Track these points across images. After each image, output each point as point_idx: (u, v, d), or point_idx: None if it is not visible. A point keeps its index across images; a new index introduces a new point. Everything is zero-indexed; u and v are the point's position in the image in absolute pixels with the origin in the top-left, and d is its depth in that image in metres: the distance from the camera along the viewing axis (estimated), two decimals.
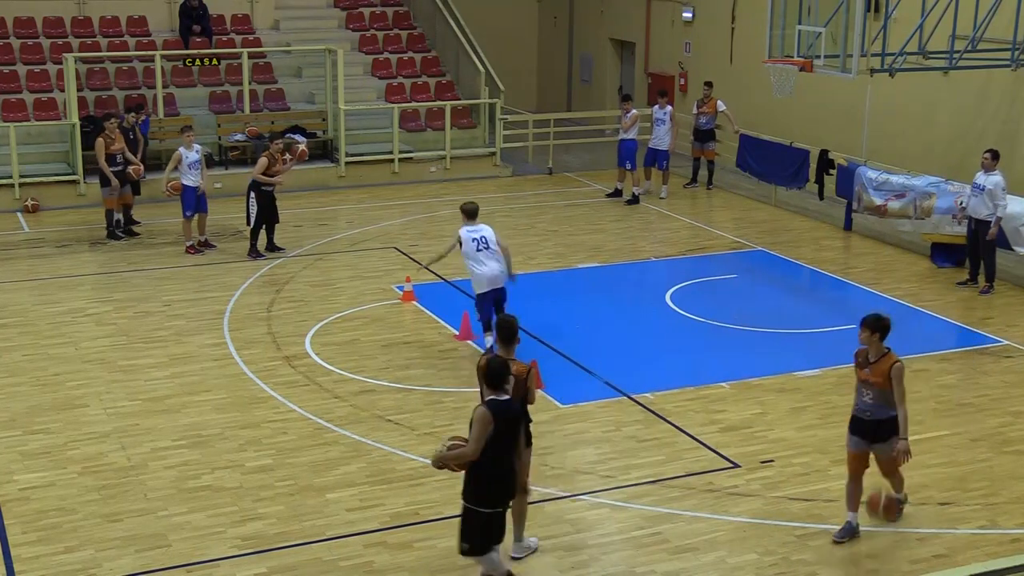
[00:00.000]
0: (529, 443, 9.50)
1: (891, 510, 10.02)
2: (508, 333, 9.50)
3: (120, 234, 18.94)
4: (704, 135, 22.88)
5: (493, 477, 8.60)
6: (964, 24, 17.38)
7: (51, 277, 17.06)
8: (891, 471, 9.94)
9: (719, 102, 22.66)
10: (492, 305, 13.63)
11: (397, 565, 9.44)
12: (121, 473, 11.02)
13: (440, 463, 8.69)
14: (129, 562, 9.48)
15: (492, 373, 8.69)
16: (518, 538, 9.64)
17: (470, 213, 13.76)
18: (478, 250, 13.56)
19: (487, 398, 8.69)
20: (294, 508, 10.39)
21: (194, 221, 18.16)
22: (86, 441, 11.69)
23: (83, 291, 16.49)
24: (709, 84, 23.09)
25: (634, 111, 21.82)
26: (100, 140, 18.55)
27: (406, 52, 26.31)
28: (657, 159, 22.19)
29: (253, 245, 17.97)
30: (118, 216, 19.05)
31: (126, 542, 9.78)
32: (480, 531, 8.68)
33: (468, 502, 8.67)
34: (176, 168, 17.92)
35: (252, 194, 17.64)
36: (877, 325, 9.62)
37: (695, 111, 22.99)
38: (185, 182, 17.90)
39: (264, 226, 17.96)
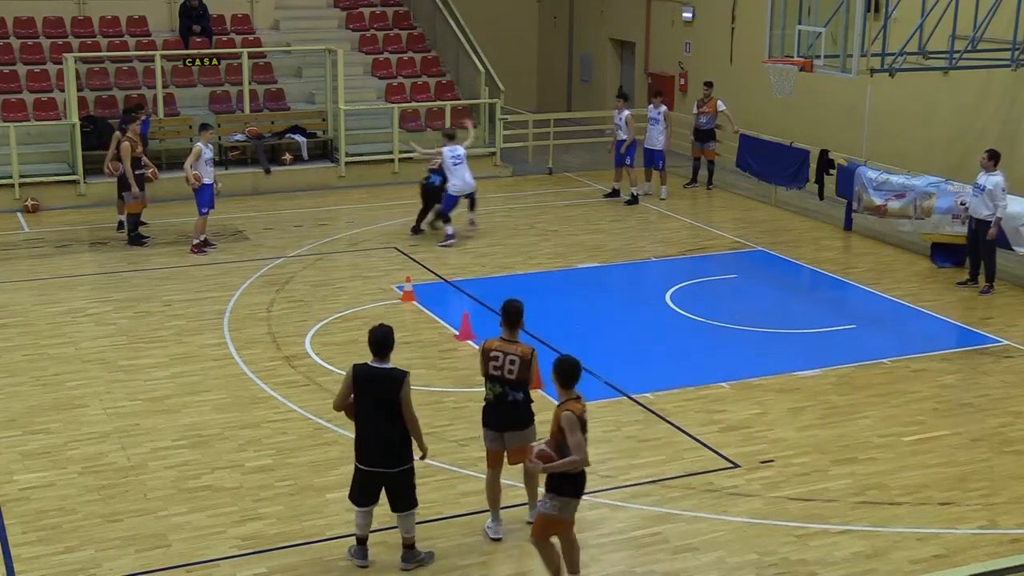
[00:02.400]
0: (528, 423, 9.74)
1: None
2: (513, 316, 9.66)
3: (143, 237, 18.77)
4: (704, 135, 22.87)
5: (358, 435, 9.34)
6: (964, 24, 17.37)
7: (51, 277, 17.06)
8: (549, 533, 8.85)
9: (719, 102, 22.65)
10: (457, 202, 18.46)
11: (397, 565, 9.43)
12: (121, 473, 11.02)
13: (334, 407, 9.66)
14: (129, 562, 9.48)
15: (370, 340, 9.21)
16: (533, 506, 9.88)
17: (451, 136, 18.44)
18: (455, 164, 18.14)
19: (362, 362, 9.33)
20: (294, 508, 10.39)
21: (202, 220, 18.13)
22: (86, 441, 11.69)
23: (83, 291, 16.49)
24: (709, 84, 23.08)
25: (626, 112, 21.72)
26: (127, 144, 18.09)
27: (406, 52, 26.31)
28: (654, 159, 22.17)
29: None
30: (121, 217, 19.03)
31: (126, 542, 9.78)
32: (353, 482, 9.43)
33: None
34: (195, 162, 17.79)
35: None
36: (557, 368, 8.58)
37: (695, 111, 22.98)
38: (204, 179, 17.84)
39: None
